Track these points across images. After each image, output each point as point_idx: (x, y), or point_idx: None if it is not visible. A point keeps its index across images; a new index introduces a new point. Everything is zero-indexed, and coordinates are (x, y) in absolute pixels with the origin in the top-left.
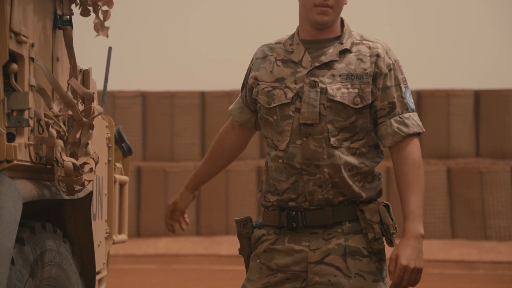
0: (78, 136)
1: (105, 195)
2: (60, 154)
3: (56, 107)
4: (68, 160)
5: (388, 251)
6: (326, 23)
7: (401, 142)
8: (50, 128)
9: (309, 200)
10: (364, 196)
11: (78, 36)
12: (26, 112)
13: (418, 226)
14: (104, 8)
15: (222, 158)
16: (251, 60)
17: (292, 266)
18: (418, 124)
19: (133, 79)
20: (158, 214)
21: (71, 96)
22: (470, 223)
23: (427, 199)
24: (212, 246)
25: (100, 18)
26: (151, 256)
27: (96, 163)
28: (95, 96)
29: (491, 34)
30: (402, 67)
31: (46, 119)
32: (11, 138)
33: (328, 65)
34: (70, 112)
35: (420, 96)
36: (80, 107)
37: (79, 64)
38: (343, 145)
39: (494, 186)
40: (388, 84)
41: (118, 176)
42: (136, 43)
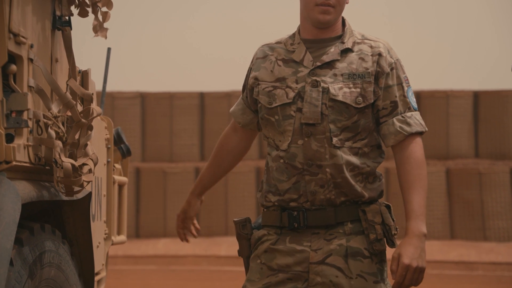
0: (77, 137)
1: (104, 196)
2: (59, 155)
3: (55, 108)
4: (67, 161)
5: (389, 252)
6: (328, 22)
7: (403, 141)
8: (49, 129)
9: (310, 200)
10: (366, 196)
11: (77, 37)
12: (25, 113)
13: (421, 225)
14: (104, 9)
15: (226, 161)
16: (252, 60)
17: (293, 266)
18: (420, 123)
19: (132, 80)
20: (157, 215)
21: (70, 97)
22: (469, 224)
23: (426, 200)
24: (211, 247)
25: (100, 19)
26: (150, 257)
27: (95, 164)
28: (94, 97)
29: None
30: (403, 66)
31: (45, 120)
32: (10, 139)
33: (330, 64)
34: (69, 113)
35: (419, 97)
36: (79, 108)
37: (78, 65)
38: (345, 145)
39: (493, 187)
40: (390, 83)
41: (117, 177)
42: (135, 44)
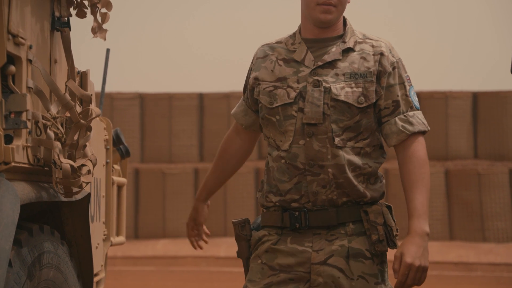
0: (76, 138)
1: (103, 197)
2: (58, 156)
3: (54, 109)
4: (66, 162)
5: (390, 253)
6: (330, 21)
7: (406, 141)
8: (48, 130)
9: (312, 201)
10: (368, 196)
11: (76, 38)
12: (24, 114)
13: (423, 224)
14: (103, 10)
15: (230, 164)
16: (252, 61)
17: (295, 266)
18: (423, 122)
19: (131, 81)
20: (156, 216)
21: (69, 98)
22: (468, 225)
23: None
24: (210, 248)
25: (99, 20)
26: (149, 258)
27: (94, 165)
28: (93, 98)
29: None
30: (405, 66)
31: (44, 121)
32: (9, 140)
33: (332, 64)
34: (68, 114)
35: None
36: (78, 109)
37: (77, 66)
38: (348, 144)
39: (492, 188)
40: (392, 83)
41: (116, 178)
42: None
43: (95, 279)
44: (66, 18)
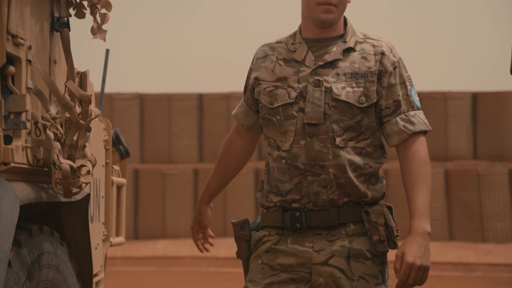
0: (75, 138)
1: (102, 197)
2: (58, 156)
3: (53, 110)
4: (65, 163)
5: (391, 253)
6: (330, 21)
7: (407, 140)
8: (48, 131)
9: (313, 201)
10: (369, 196)
11: (76, 38)
12: (23, 115)
13: (425, 223)
14: (103, 11)
15: (232, 166)
16: (252, 61)
17: (296, 267)
18: (424, 122)
19: (130, 81)
20: (155, 216)
21: (68, 98)
22: (468, 225)
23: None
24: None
25: (98, 21)
26: (148, 258)
27: (93, 166)
28: (93, 98)
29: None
30: (405, 66)
31: (44, 122)
32: (8, 140)
33: (332, 64)
34: (67, 115)
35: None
36: (78, 109)
37: (77, 66)
38: (349, 144)
39: (492, 188)
40: (393, 82)
41: (116, 179)
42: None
43: (95, 279)
44: (66, 19)
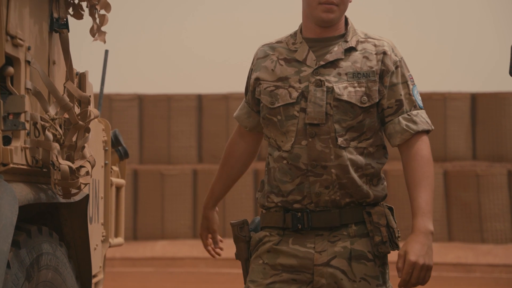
0: (74, 139)
1: (101, 198)
2: (57, 157)
3: (52, 111)
4: (64, 164)
5: (391, 254)
6: (332, 20)
7: (410, 140)
8: (47, 132)
9: (315, 202)
10: (371, 196)
11: (75, 39)
12: (22, 115)
13: (427, 222)
14: (102, 12)
15: (235, 169)
16: (252, 62)
17: (298, 267)
18: (427, 121)
19: (129, 82)
20: (155, 217)
21: (67, 99)
22: (467, 226)
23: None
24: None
25: (97, 22)
26: (147, 259)
27: (92, 166)
28: (92, 99)
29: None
30: (407, 65)
31: (43, 123)
32: (7, 141)
33: (334, 63)
34: (66, 115)
35: None
36: (77, 110)
37: (76, 67)
38: (351, 145)
39: (491, 189)
40: (395, 82)
41: (115, 179)
42: (133, 46)
43: (94, 280)
44: (65, 20)
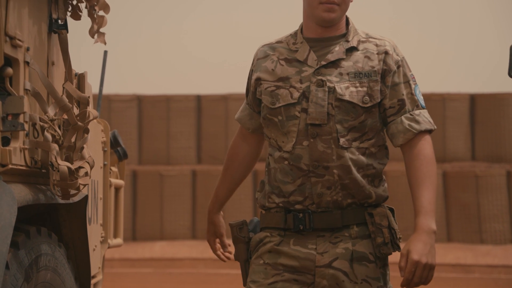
0: (73, 140)
1: (100, 199)
2: (55, 158)
3: (51, 111)
4: (63, 164)
5: (391, 256)
6: (333, 20)
7: (412, 140)
8: (45, 132)
9: (316, 203)
10: (373, 197)
11: (74, 40)
12: (21, 116)
13: (430, 221)
14: (101, 13)
15: (239, 172)
16: (252, 62)
17: (299, 269)
18: (429, 121)
19: (128, 83)
20: (154, 218)
21: (66, 100)
22: (466, 227)
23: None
24: (207, 250)
25: (96, 23)
26: (146, 260)
27: (91, 167)
28: (91, 100)
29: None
30: (408, 65)
31: (41, 123)
32: (6, 142)
33: (335, 63)
34: (65, 116)
35: None
36: (76, 111)
37: (75, 68)
38: (353, 145)
39: (490, 190)
40: (397, 81)
41: (114, 180)
42: (132, 47)
43: (93, 281)
44: (64, 20)
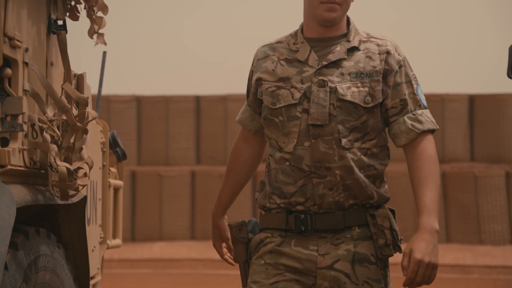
0: (72, 141)
1: (99, 199)
2: (54, 159)
3: (50, 112)
4: (62, 165)
5: (392, 257)
6: (334, 20)
7: (415, 139)
8: (44, 133)
9: (318, 204)
10: (375, 198)
11: (73, 41)
12: (20, 117)
13: (433, 221)
14: (99, 14)
15: (242, 174)
16: (252, 63)
17: (300, 270)
18: (432, 121)
19: (127, 83)
20: (153, 218)
21: (65, 100)
22: (465, 227)
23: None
24: (206, 251)
25: (95, 24)
26: (145, 261)
27: (90, 168)
28: (90, 101)
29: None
30: (410, 65)
31: (40, 124)
32: (5, 143)
33: (336, 63)
34: (64, 117)
35: None
36: (75, 111)
37: (74, 69)
38: (355, 145)
39: (489, 191)
40: (399, 81)
41: (113, 181)
42: (131, 47)
43: (92, 282)
44: (63, 21)
